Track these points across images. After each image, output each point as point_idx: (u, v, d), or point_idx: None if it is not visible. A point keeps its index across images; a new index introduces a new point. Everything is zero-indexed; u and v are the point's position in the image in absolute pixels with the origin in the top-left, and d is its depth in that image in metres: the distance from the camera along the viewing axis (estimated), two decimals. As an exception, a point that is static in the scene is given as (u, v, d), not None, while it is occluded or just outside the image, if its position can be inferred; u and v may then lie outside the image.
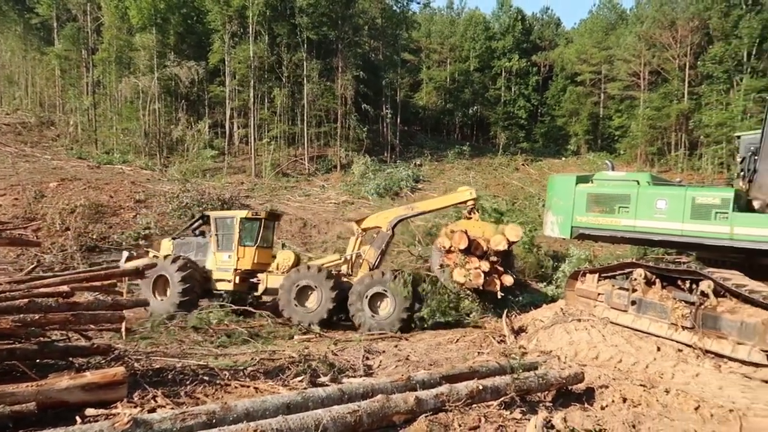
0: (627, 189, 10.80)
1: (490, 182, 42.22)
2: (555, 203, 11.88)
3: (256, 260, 15.95)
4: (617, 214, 10.78)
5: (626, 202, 10.66)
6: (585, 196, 11.28)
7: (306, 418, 4.45)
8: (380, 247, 15.23)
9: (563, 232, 11.63)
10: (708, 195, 9.81)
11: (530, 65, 62.35)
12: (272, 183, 38.77)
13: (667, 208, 10.12)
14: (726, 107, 39.04)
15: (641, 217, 10.44)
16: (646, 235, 10.54)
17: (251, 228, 15.98)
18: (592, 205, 11.16)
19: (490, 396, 5.98)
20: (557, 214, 11.73)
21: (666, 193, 10.38)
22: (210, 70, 47.36)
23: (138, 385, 5.64)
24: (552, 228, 11.85)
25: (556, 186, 12.10)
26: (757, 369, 8.50)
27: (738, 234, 9.37)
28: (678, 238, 10.08)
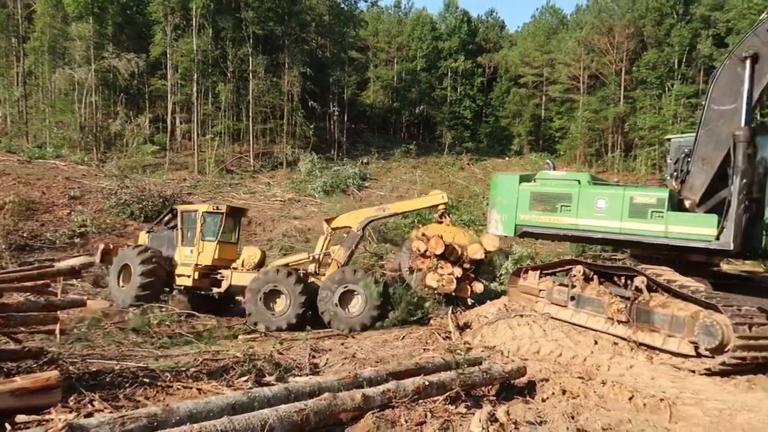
0: (568, 188, 11.10)
1: (436, 181, 42.76)
2: (499, 202, 12.05)
3: (218, 256, 15.52)
4: (559, 213, 11.05)
5: (568, 201, 10.95)
6: (528, 195, 11.51)
7: (252, 419, 4.38)
8: (350, 247, 15.13)
9: (507, 230, 11.86)
10: (645, 195, 10.25)
11: (475, 66, 63.55)
12: (216, 180, 37.94)
13: (606, 207, 10.48)
14: (658, 111, 41.02)
15: (582, 215, 10.75)
16: (586, 233, 10.86)
17: (213, 222, 15.58)
18: (535, 204, 11.38)
19: (436, 391, 6.06)
20: (501, 213, 11.91)
21: (605, 192, 10.76)
22: (151, 63, 45.84)
23: (73, 390, 5.40)
24: (496, 226, 12.03)
25: (500, 185, 12.27)
26: (685, 360, 8.96)
27: (672, 232, 9.84)
28: (617, 236, 10.48)
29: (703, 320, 8.66)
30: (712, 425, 6.57)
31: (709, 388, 8.01)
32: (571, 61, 50.19)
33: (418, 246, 14.01)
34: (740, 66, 9.64)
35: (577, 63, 49.41)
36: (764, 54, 9.46)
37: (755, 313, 8.56)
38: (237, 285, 15.28)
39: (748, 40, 9.71)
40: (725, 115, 9.83)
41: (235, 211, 16.83)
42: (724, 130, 9.83)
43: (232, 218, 16.24)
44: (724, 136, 9.87)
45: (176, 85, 45.10)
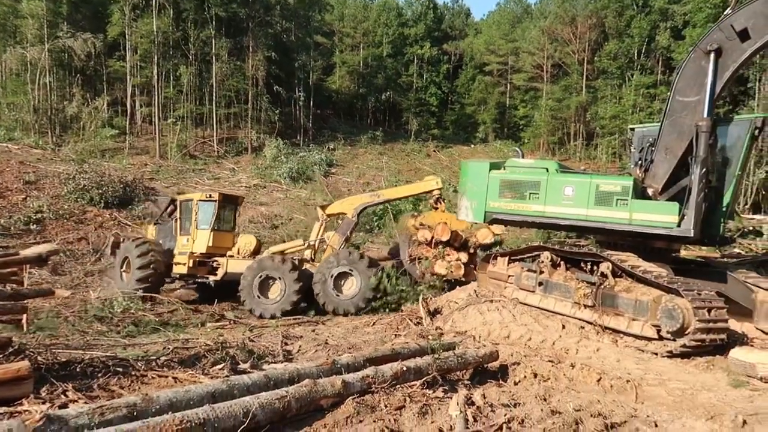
0: (537, 176, 11.24)
1: (402, 168, 42.87)
2: (469, 189, 12.12)
3: (212, 243, 15.67)
4: (528, 200, 11.18)
5: (536, 188, 11.09)
6: (498, 182, 11.59)
7: (234, 406, 4.36)
8: (345, 234, 15.24)
9: (477, 217, 11.91)
10: (610, 183, 10.48)
11: (441, 53, 63.68)
12: (179, 165, 37.11)
13: (573, 195, 10.67)
14: (619, 101, 41.93)
15: (550, 203, 10.92)
16: (554, 220, 11.04)
17: (206, 211, 15.71)
18: (504, 191, 11.48)
19: (413, 376, 6.13)
20: (471, 199, 11.96)
21: (573, 180, 10.94)
22: (108, 44, 44.26)
23: (44, 380, 5.26)
24: (466, 213, 12.07)
25: (470, 172, 12.30)
26: (648, 342, 9.29)
27: (636, 219, 10.13)
28: (583, 223, 10.70)
29: (666, 304, 8.98)
30: (675, 404, 6.84)
31: (671, 369, 8.33)
32: (535, 50, 50.79)
33: (424, 235, 14.17)
34: (704, 59, 9.93)
35: (541, 52, 50.03)
36: (727, 48, 9.76)
37: (714, 297, 8.92)
38: (233, 272, 15.34)
39: (712, 34, 9.99)
40: (689, 106, 10.12)
41: (229, 198, 16.79)
42: (687, 121, 10.12)
43: (226, 206, 16.31)
44: (686, 126, 10.17)
45: (135, 67, 43.72)
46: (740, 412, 6.27)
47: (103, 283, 16.93)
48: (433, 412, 5.47)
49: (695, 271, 11.03)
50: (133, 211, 27.02)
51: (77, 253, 21.68)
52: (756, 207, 27.04)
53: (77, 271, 19.94)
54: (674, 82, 10.41)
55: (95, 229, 24.20)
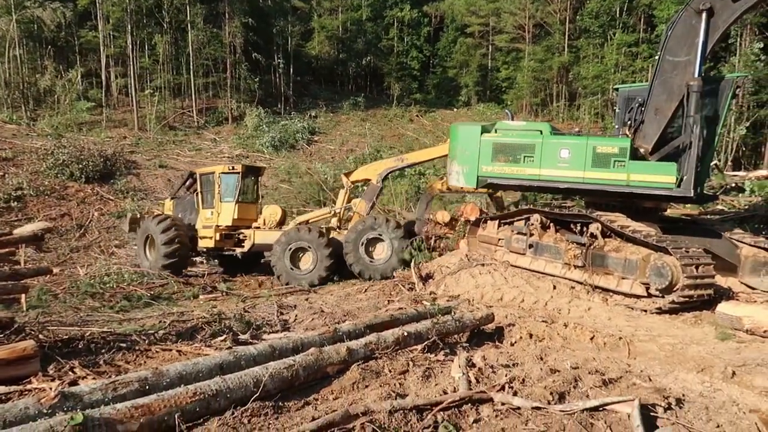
0: (531, 139, 11.14)
1: (386, 133, 42.62)
2: (460, 153, 11.92)
3: (238, 216, 15.71)
4: (522, 164, 11.09)
5: (531, 151, 10.99)
6: (491, 145, 11.43)
7: (244, 377, 4.42)
8: (371, 199, 15.22)
9: (469, 182, 11.76)
10: (607, 145, 10.50)
11: (422, 16, 62.61)
12: (158, 137, 36.50)
13: (569, 158, 10.65)
14: (601, 60, 41.76)
15: (546, 166, 10.86)
16: (550, 183, 11.01)
17: (230, 183, 15.66)
18: (497, 155, 11.34)
19: (414, 341, 6.24)
20: (463, 164, 11.81)
21: (568, 143, 10.89)
22: (79, 13, 42.82)
23: (49, 358, 5.27)
24: (458, 178, 11.92)
25: (461, 136, 12.07)
26: (637, 300, 9.53)
27: (634, 180, 10.21)
28: (581, 185, 10.72)
29: (654, 262, 9.19)
30: (666, 359, 7.06)
31: (661, 325, 8.58)
32: (517, 10, 50.11)
33: (443, 217, 14.39)
34: (696, 18, 9.94)
35: (523, 12, 49.40)
36: (718, 8, 9.79)
37: (701, 254, 9.14)
38: (260, 244, 15.47)
39: None
40: (679, 66, 10.17)
41: (252, 169, 16.74)
42: (677, 81, 10.19)
43: (249, 177, 16.28)
44: (676, 86, 10.24)
45: (109, 37, 42.45)
46: (729, 363, 6.51)
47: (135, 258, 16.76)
48: (436, 374, 5.60)
49: (682, 228, 11.25)
50: (115, 185, 26.67)
51: (61, 230, 21.44)
52: (737, 163, 27.44)
53: (62, 247, 19.76)
54: (664, 42, 10.40)
55: (78, 205, 23.91)
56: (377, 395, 4.83)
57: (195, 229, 16.12)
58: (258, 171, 17.05)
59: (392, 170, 15.55)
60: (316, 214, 16.62)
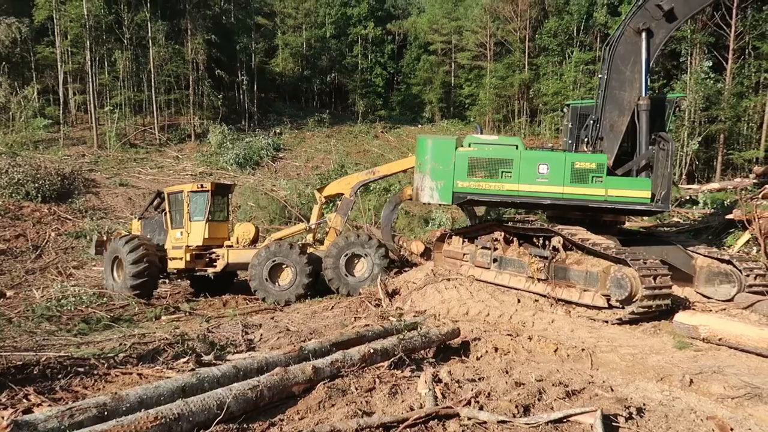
0: (509, 153, 10.98)
1: (351, 150, 42.66)
2: (433, 168, 11.36)
3: (208, 235, 15.30)
4: (500, 179, 10.87)
5: (508, 166, 10.80)
6: (466, 160, 11.09)
7: (207, 399, 4.33)
8: (346, 213, 15.20)
9: (444, 198, 11.33)
10: (585, 160, 10.59)
11: (385, 33, 63.28)
12: (118, 155, 35.73)
13: (548, 173, 10.62)
14: (560, 77, 42.88)
15: (524, 181, 10.74)
16: (530, 198, 10.89)
17: (199, 202, 15.26)
18: (474, 170, 11.02)
19: (380, 358, 6.23)
20: (437, 180, 11.30)
21: (547, 157, 10.87)
22: (36, 29, 41.83)
23: (2, 386, 5.06)
24: (431, 194, 11.41)
25: (434, 150, 11.47)
26: (599, 311, 9.74)
27: (612, 195, 10.44)
28: (561, 201, 10.69)
29: (614, 274, 9.42)
30: (627, 368, 7.23)
31: (621, 335, 8.78)
32: (478, 28, 51.11)
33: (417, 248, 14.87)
34: (635, 38, 10.55)
35: (484, 30, 50.41)
36: (654, 27, 10.42)
37: (659, 265, 9.42)
38: (234, 263, 15.16)
39: (641, 13, 10.61)
40: (626, 82, 10.68)
41: (221, 187, 16.37)
42: (626, 96, 10.70)
43: (219, 195, 15.91)
44: (626, 102, 10.75)
45: (66, 53, 41.53)
46: (687, 372, 6.71)
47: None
48: (403, 391, 5.59)
49: (640, 241, 11.59)
50: (73, 204, 25.95)
51: (16, 251, 20.70)
52: (690, 177, 28.43)
53: (17, 269, 19.07)
54: (609, 59, 10.86)
55: (33, 225, 23.12)
56: (343, 414, 4.80)
57: (164, 249, 15.66)
58: (228, 189, 16.78)
59: (364, 183, 15.58)
60: (291, 230, 16.51)
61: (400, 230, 23.44)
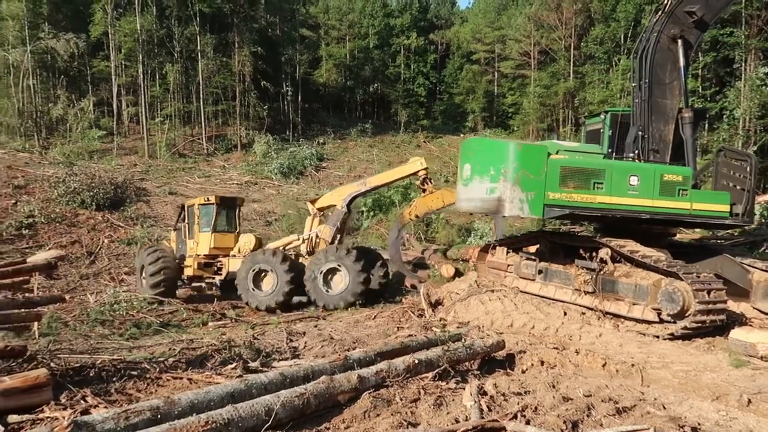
0: (600, 163, 10.36)
1: (393, 159, 42.79)
2: (524, 178, 10.10)
3: (214, 245, 16.13)
4: (591, 190, 10.06)
5: (600, 177, 10.09)
6: (558, 169, 10.07)
7: (255, 406, 4.41)
8: (335, 224, 15.26)
9: (534, 211, 10.19)
10: (673, 172, 10.19)
11: (428, 43, 63.53)
12: (168, 164, 36.88)
13: (639, 185, 10.06)
14: (606, 86, 42.05)
15: (616, 193, 10.07)
16: (623, 212, 10.18)
17: (206, 213, 16.18)
18: (566, 180, 10.06)
19: (425, 369, 6.21)
20: (527, 191, 10.08)
21: (637, 168, 10.31)
22: (92, 44, 43.77)
23: (61, 387, 5.27)
24: (521, 207, 10.13)
25: (524, 157, 10.24)
26: (649, 326, 9.45)
27: (696, 209, 10.10)
28: (651, 215, 10.16)
29: (666, 288, 9.13)
30: (680, 386, 6.98)
31: (673, 351, 8.49)
32: (522, 37, 50.75)
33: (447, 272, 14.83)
34: (672, 44, 10.39)
35: (528, 39, 50.01)
36: (686, 33, 10.31)
37: (713, 279, 9.09)
38: (234, 271, 15.59)
39: (672, 20, 10.46)
40: (666, 90, 10.54)
41: (227, 200, 17.15)
42: (667, 105, 10.53)
43: (224, 208, 16.69)
44: (668, 110, 10.57)
45: (120, 66, 43.33)
46: (744, 391, 6.43)
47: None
48: (448, 403, 5.55)
49: (692, 253, 11.19)
50: (125, 212, 26.85)
51: (71, 257, 21.54)
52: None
53: (72, 275, 19.83)
54: (645, 69, 10.68)
55: (88, 232, 24.02)
56: (389, 424, 4.80)
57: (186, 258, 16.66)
58: (234, 201, 17.48)
59: (356, 194, 15.63)
60: (287, 240, 16.74)
61: (439, 242, 23.32)
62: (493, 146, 11.09)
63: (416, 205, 14.84)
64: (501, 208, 10.33)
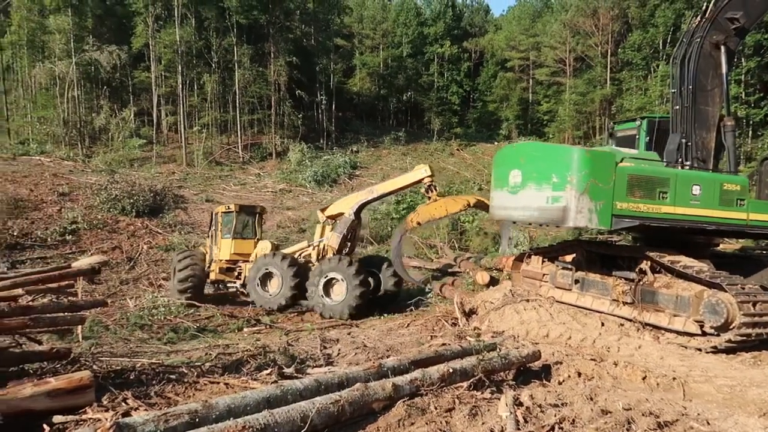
0: (665, 171, 9.95)
1: (426, 167, 42.75)
2: (593, 186, 9.34)
3: (234, 251, 16.87)
4: (657, 200, 9.59)
5: (665, 186, 9.63)
6: (626, 177, 9.46)
7: (291, 412, 4.44)
8: (342, 232, 15.43)
9: (603, 222, 9.42)
10: (732, 182, 9.85)
11: (461, 51, 63.47)
12: (205, 172, 37.70)
13: (701, 194, 9.68)
14: (645, 92, 41.26)
15: (680, 203, 9.63)
16: (690, 223, 9.75)
17: (227, 221, 17.06)
18: (633, 189, 9.49)
19: (459, 378, 6.15)
20: (596, 200, 9.35)
21: (699, 177, 9.91)
22: (133, 55, 45.18)
23: (103, 389, 5.42)
24: (589, 217, 9.37)
25: (594, 165, 9.46)
26: (691, 339, 9.16)
27: (752, 220, 9.79)
28: (712, 225, 9.81)
29: (708, 299, 8.84)
30: (725, 401, 6.74)
31: (717, 365, 8.20)
32: (557, 44, 50.31)
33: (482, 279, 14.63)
34: (714, 51, 10.16)
35: (563, 46, 49.55)
36: (729, 42, 10.07)
37: (758, 290, 8.77)
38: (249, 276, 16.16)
39: (715, 26, 10.24)
40: (708, 97, 10.29)
41: (246, 208, 17.87)
42: (710, 112, 10.28)
43: (244, 215, 17.45)
44: (710, 118, 10.31)
45: (160, 77, 44.56)
46: (793, 408, 6.18)
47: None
48: (483, 413, 5.48)
49: (735, 264, 10.82)
50: (163, 219, 27.50)
51: (112, 263, 22.15)
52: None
53: (113, 279, 20.38)
54: (688, 76, 10.44)
55: (128, 238, 24.68)
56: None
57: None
58: (253, 209, 18.11)
59: (364, 202, 15.71)
60: (298, 247, 17.07)
61: (473, 251, 23.16)
62: (556, 152, 10.35)
63: (419, 212, 14.82)
64: (566, 218, 9.59)
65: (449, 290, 14.97)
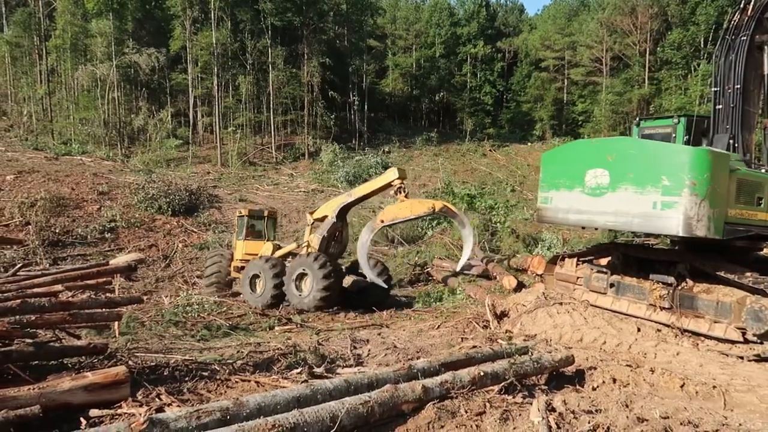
0: (762, 176, 9.51)
1: (458, 168, 42.55)
2: (711, 191, 8.51)
3: (245, 251, 17.86)
4: (755, 206, 9.15)
5: (762, 191, 9.22)
6: (735, 182, 8.85)
7: (321, 411, 4.45)
8: (323, 234, 15.84)
9: (717, 231, 8.66)
10: None
11: (495, 51, 62.87)
12: (239, 172, 38.22)
13: None
14: (684, 92, 40.20)
15: None
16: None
17: (242, 223, 18.27)
18: (740, 195, 8.93)
19: (490, 381, 6.07)
20: (713, 207, 8.56)
21: None
22: (171, 57, 46.17)
23: (137, 384, 5.52)
24: (708, 226, 8.54)
25: (715, 167, 8.62)
26: (732, 346, 8.86)
27: None
28: None
29: (751, 305, 8.56)
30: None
31: (760, 374, 7.91)
32: (593, 43, 49.40)
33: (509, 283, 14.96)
34: (757, 51, 9.93)
35: (600, 45, 48.63)
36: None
37: (804, 297, 8.43)
38: None
39: (758, 26, 9.95)
40: (749, 98, 10.05)
41: (257, 213, 19.22)
42: (751, 113, 10.06)
43: (256, 219, 18.68)
44: (751, 118, 10.01)
45: (197, 78, 45.39)
46: (842, 420, 5.91)
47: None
48: (514, 418, 5.40)
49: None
50: (198, 218, 27.97)
51: (148, 260, 22.64)
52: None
53: (149, 277, 20.84)
54: (733, 74, 10.13)
55: (164, 237, 25.19)
56: (453, 437, 4.71)
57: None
58: (261, 213, 19.13)
59: (344, 205, 16.03)
60: (290, 248, 17.58)
61: (503, 252, 22.88)
62: (666, 150, 9.32)
63: (385, 212, 15.22)
64: (684, 226, 8.55)
65: (479, 292, 14.86)
